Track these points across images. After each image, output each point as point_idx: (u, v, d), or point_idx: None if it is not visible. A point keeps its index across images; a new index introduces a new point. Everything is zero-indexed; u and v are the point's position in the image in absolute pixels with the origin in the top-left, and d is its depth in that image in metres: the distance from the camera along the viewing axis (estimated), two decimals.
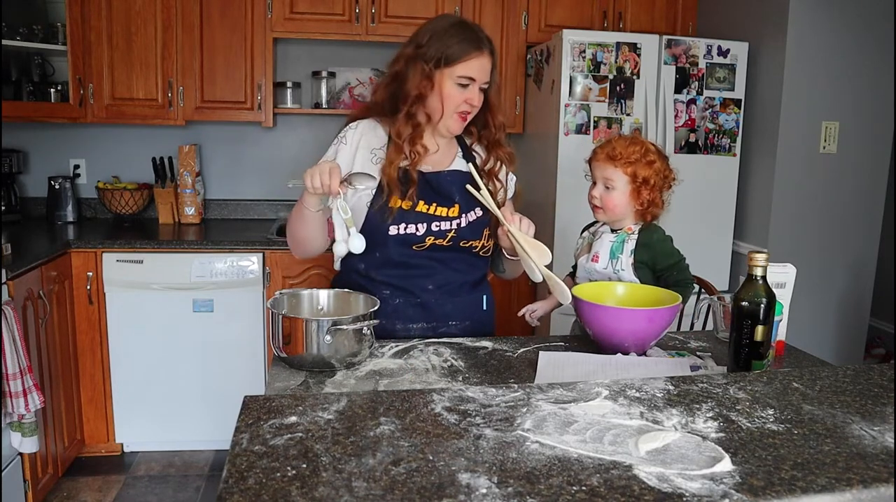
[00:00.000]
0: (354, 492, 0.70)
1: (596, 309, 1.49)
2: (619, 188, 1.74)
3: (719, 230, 2.95)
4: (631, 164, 1.73)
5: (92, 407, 2.84)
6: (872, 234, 2.94)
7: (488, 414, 0.89)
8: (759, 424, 0.89)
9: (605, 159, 1.76)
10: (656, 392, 0.99)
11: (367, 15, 3.08)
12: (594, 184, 1.79)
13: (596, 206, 1.79)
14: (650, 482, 0.73)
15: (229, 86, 3.08)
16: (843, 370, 1.10)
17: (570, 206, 2.80)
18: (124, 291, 2.78)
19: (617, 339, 1.47)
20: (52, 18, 2.98)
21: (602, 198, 1.76)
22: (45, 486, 2.51)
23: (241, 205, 3.49)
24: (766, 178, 2.84)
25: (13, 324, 2.14)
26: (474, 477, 0.73)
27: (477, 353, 1.45)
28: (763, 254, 1.29)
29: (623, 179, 1.73)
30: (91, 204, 3.36)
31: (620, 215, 1.77)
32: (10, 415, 2.18)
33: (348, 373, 1.33)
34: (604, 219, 1.80)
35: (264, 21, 3.04)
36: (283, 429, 0.84)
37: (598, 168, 1.77)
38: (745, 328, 1.29)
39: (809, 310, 2.81)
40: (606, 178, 1.75)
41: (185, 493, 2.67)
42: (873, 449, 0.82)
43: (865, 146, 2.84)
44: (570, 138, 2.78)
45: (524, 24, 3.20)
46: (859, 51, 2.76)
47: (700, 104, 2.84)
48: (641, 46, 2.77)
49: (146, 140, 3.34)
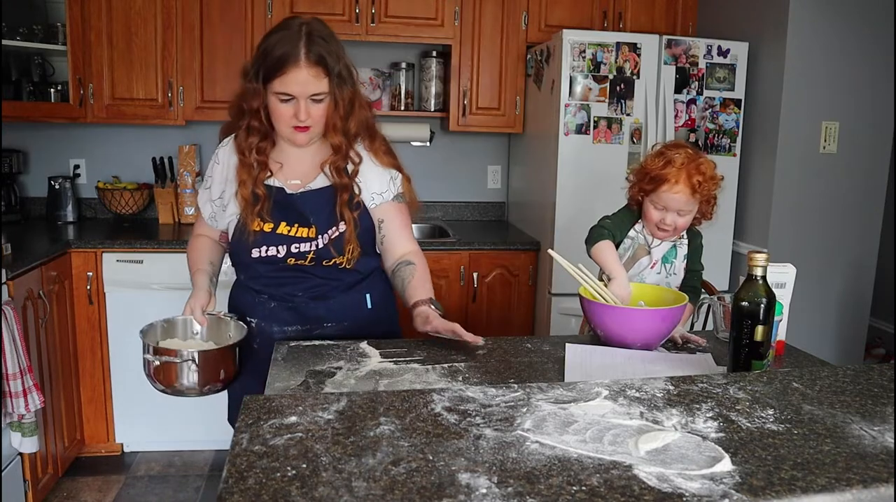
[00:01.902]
0: (354, 492, 0.70)
1: (605, 309, 1.49)
2: (692, 212, 1.67)
3: (719, 230, 2.95)
4: (710, 190, 1.65)
5: (92, 407, 2.84)
6: (872, 234, 2.94)
7: (488, 414, 0.89)
8: (759, 424, 0.89)
9: (686, 189, 1.62)
10: (656, 392, 0.99)
11: (367, 15, 3.08)
12: (661, 209, 1.66)
13: (663, 231, 1.69)
14: (650, 482, 0.73)
15: (229, 86, 3.08)
16: (843, 370, 1.10)
17: (570, 206, 2.80)
18: (124, 291, 2.78)
19: (626, 339, 1.47)
20: (52, 18, 2.98)
21: (675, 225, 1.67)
22: (45, 486, 2.51)
23: None
24: (766, 178, 2.84)
25: (13, 324, 2.14)
26: (474, 477, 0.73)
27: (477, 353, 1.45)
28: (763, 254, 1.29)
29: (697, 204, 1.67)
30: (91, 204, 3.36)
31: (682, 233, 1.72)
32: (10, 415, 2.18)
33: (348, 373, 1.33)
34: (663, 239, 1.72)
35: (264, 21, 3.04)
36: (283, 429, 0.84)
37: (673, 200, 1.64)
38: (745, 328, 1.29)
39: (809, 310, 2.81)
40: (682, 209, 1.65)
41: (185, 493, 2.67)
42: (873, 449, 0.82)
43: (865, 146, 2.84)
44: (570, 138, 2.78)
45: (524, 24, 3.20)
46: (859, 51, 2.76)
47: (700, 104, 2.84)
48: (641, 46, 2.77)
49: (146, 140, 3.34)
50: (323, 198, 1.56)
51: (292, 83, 1.45)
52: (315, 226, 1.55)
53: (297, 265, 1.57)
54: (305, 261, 1.56)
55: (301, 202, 1.56)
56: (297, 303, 1.62)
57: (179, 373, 1.42)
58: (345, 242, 1.56)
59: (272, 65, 1.45)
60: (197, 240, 1.74)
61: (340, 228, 1.56)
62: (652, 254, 1.72)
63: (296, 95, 1.46)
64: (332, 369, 1.35)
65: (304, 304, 1.61)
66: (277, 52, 1.44)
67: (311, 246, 1.55)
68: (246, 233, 1.55)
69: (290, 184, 1.58)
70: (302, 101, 1.47)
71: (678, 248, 1.72)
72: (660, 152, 1.70)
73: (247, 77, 1.51)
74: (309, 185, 1.58)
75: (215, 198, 1.64)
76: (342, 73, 1.50)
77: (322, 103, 1.50)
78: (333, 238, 1.56)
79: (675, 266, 1.71)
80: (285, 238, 1.55)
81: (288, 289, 1.61)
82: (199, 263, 1.67)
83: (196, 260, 1.69)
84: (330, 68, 1.47)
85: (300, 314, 1.62)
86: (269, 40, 1.48)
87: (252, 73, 1.49)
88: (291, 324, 1.63)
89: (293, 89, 1.45)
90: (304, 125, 1.49)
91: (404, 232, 1.64)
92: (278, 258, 1.56)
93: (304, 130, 1.51)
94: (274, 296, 1.62)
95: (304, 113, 1.47)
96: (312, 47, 1.45)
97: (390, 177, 1.62)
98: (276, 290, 1.62)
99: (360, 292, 1.66)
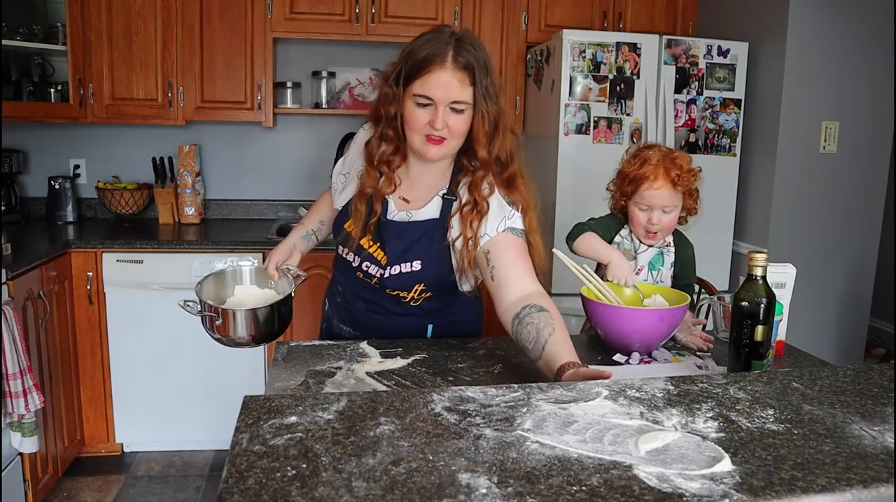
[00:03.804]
0: (354, 492, 0.70)
1: (606, 309, 1.49)
2: (677, 208, 1.67)
3: (719, 230, 2.95)
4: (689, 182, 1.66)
5: (92, 408, 2.84)
6: (872, 234, 2.94)
7: (488, 414, 0.89)
8: (759, 424, 0.89)
9: (666, 184, 1.63)
10: (656, 392, 0.99)
11: (367, 15, 3.08)
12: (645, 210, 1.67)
13: (651, 233, 1.69)
14: (650, 482, 0.73)
15: (229, 86, 3.08)
16: (843, 370, 1.10)
17: (570, 206, 2.80)
18: (124, 291, 2.78)
19: (627, 339, 1.47)
20: (52, 18, 2.97)
21: (662, 224, 1.67)
22: (45, 486, 2.51)
23: (241, 205, 3.49)
24: (766, 178, 2.84)
25: (13, 324, 2.14)
26: (474, 477, 0.73)
27: (477, 353, 1.45)
28: (763, 254, 1.29)
29: (680, 198, 1.67)
30: (91, 204, 3.36)
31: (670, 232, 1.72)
32: (10, 415, 2.18)
33: (348, 373, 1.33)
34: (653, 242, 1.71)
35: (264, 21, 3.04)
36: (283, 429, 0.84)
37: (655, 196, 1.64)
38: (745, 328, 1.29)
39: (809, 310, 2.81)
40: (666, 205, 1.65)
41: (185, 493, 2.67)
42: (873, 449, 0.82)
43: (865, 146, 2.84)
44: (570, 138, 2.78)
45: (524, 24, 3.20)
46: (859, 51, 2.76)
47: (700, 104, 2.84)
48: (641, 46, 2.77)
49: (146, 140, 3.34)
50: (413, 230, 1.48)
51: (434, 85, 1.35)
52: (388, 255, 1.48)
53: (365, 280, 1.55)
54: (371, 282, 1.53)
55: (387, 228, 1.49)
56: (355, 310, 1.61)
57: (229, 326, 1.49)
58: (413, 281, 1.48)
59: (415, 64, 1.36)
60: (322, 196, 1.75)
61: (414, 267, 1.47)
62: (637, 260, 1.72)
63: (435, 100, 1.35)
64: (332, 369, 1.35)
65: (361, 315, 1.61)
66: (423, 53, 1.35)
67: (378, 272, 1.50)
68: (340, 230, 1.55)
69: (398, 201, 1.51)
70: (441, 108, 1.36)
71: (665, 256, 1.72)
72: (634, 154, 1.72)
73: (387, 80, 1.42)
74: (413, 213, 1.49)
75: (344, 172, 1.61)
76: (489, 89, 1.39)
77: (462, 116, 1.38)
78: (403, 273, 1.48)
79: (662, 273, 1.71)
80: (363, 251, 1.51)
81: (354, 293, 1.61)
82: (306, 219, 1.71)
83: (308, 215, 1.72)
84: (476, 79, 1.37)
85: (356, 321, 1.62)
86: (415, 42, 1.39)
87: (393, 76, 1.40)
88: (347, 325, 1.64)
89: (434, 92, 1.35)
90: (439, 136, 1.38)
91: (521, 266, 1.40)
92: (353, 266, 1.54)
93: (438, 143, 1.39)
94: (343, 293, 1.64)
95: (440, 121, 1.36)
96: (461, 52, 1.35)
97: (504, 215, 1.45)
98: (346, 288, 1.63)
99: (422, 320, 1.59)
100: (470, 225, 1.43)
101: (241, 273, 1.64)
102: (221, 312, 1.47)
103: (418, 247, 1.47)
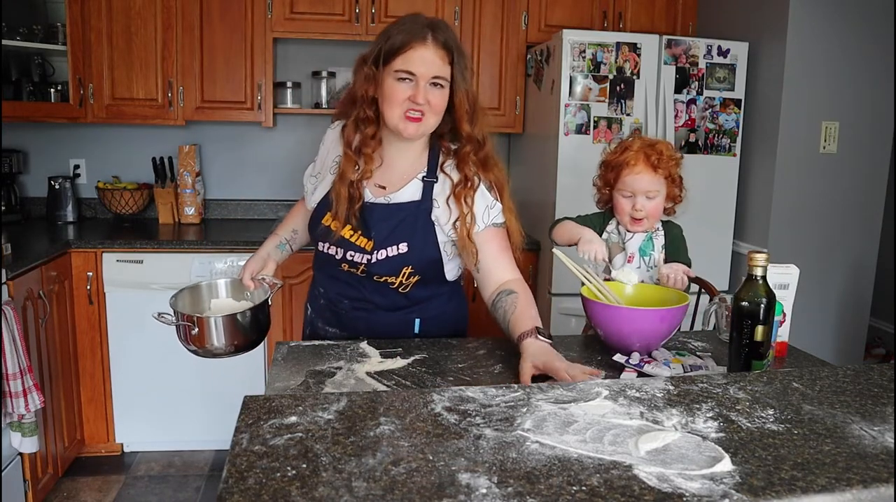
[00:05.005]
0: (354, 492, 0.70)
1: (606, 309, 1.49)
2: (660, 194, 1.69)
3: (719, 230, 2.95)
4: (669, 167, 1.68)
5: (92, 407, 2.84)
6: (872, 234, 2.93)
7: (488, 414, 0.89)
8: (759, 424, 0.89)
9: (647, 169, 1.65)
10: (656, 392, 0.99)
11: (366, 15, 3.08)
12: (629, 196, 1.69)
13: (637, 220, 1.70)
14: (650, 482, 0.73)
15: (229, 86, 3.08)
16: (843, 370, 1.10)
17: (570, 206, 2.80)
18: (124, 291, 2.78)
19: (627, 340, 1.47)
20: (52, 18, 2.98)
21: (647, 210, 1.68)
22: (45, 486, 2.51)
23: (241, 205, 3.49)
24: (766, 178, 2.84)
25: (13, 324, 2.14)
26: (474, 477, 0.73)
27: (477, 353, 1.45)
28: (763, 254, 1.29)
29: (662, 184, 1.68)
30: (91, 204, 3.36)
31: (658, 219, 1.74)
32: (10, 415, 2.18)
33: (348, 373, 1.33)
34: (641, 230, 1.72)
35: (264, 21, 3.04)
36: (283, 429, 0.84)
37: (637, 181, 1.67)
38: (745, 328, 1.29)
39: (809, 310, 2.81)
40: (648, 190, 1.67)
41: (185, 493, 2.67)
42: (873, 449, 0.82)
43: (865, 146, 2.84)
44: (570, 138, 2.78)
45: (524, 24, 3.20)
46: (859, 51, 2.76)
47: (700, 104, 2.84)
48: (641, 46, 2.77)
49: (146, 140, 3.34)
50: (395, 213, 1.49)
51: (417, 60, 1.39)
52: (373, 240, 1.49)
53: (350, 272, 1.54)
54: (357, 271, 1.52)
55: (369, 212, 1.50)
56: (340, 310, 1.60)
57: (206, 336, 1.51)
58: (401, 264, 1.49)
59: (395, 43, 1.40)
60: (296, 205, 1.76)
61: (401, 249, 1.48)
62: (626, 249, 1.73)
63: (417, 75, 1.39)
64: (332, 369, 1.35)
65: (346, 314, 1.59)
66: (402, 33, 1.40)
67: (364, 258, 1.50)
68: (317, 225, 1.54)
69: (374, 188, 1.52)
70: (422, 83, 1.40)
71: (654, 240, 1.72)
72: (617, 144, 1.77)
73: (365, 63, 1.45)
74: (392, 196, 1.51)
75: (315, 173, 1.63)
76: (464, 71, 1.45)
77: (442, 91, 1.43)
78: (390, 257, 1.49)
79: (654, 258, 1.71)
80: (345, 242, 1.50)
81: (338, 292, 1.59)
82: (280, 229, 1.71)
83: (281, 225, 1.73)
84: (455, 58, 1.43)
85: (341, 321, 1.61)
86: (392, 27, 1.44)
87: (371, 58, 1.43)
88: (333, 326, 1.63)
89: (417, 68, 1.39)
90: (419, 111, 1.41)
91: (502, 258, 1.51)
92: (335, 259, 1.54)
93: (417, 121, 1.42)
94: (326, 295, 1.62)
95: (422, 96, 1.40)
96: (439, 33, 1.42)
97: (486, 205, 1.51)
98: (329, 289, 1.61)
99: (408, 315, 1.58)
100: (465, 201, 1.48)
101: (216, 286, 1.64)
102: (197, 320, 1.47)
103: (403, 228, 1.49)
